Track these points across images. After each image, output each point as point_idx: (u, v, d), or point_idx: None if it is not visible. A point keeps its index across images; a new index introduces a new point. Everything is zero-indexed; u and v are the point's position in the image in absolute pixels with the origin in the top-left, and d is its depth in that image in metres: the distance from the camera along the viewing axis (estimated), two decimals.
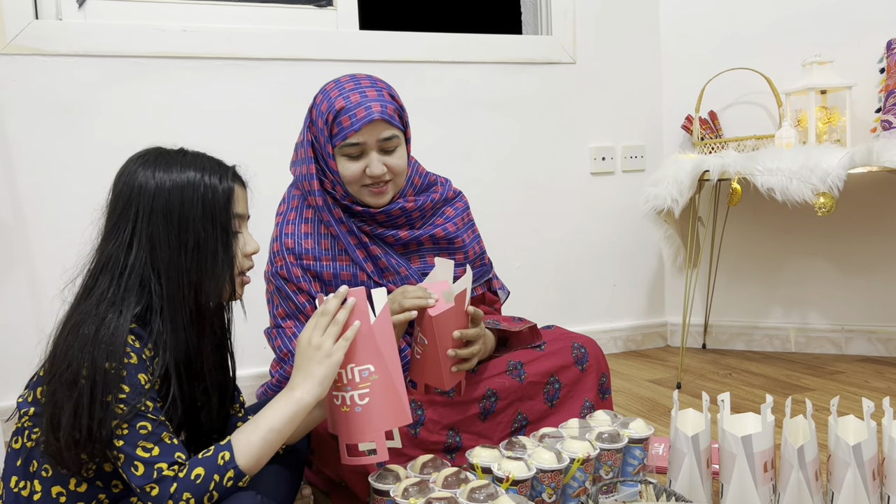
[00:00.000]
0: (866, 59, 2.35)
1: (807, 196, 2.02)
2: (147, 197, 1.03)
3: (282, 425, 1.03)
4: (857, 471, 1.18)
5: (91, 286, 1.03)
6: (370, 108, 1.38)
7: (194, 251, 1.04)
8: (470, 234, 1.61)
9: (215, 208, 1.05)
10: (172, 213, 1.03)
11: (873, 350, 2.48)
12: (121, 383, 0.96)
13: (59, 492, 1.02)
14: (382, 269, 1.49)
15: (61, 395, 0.96)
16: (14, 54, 1.99)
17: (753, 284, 2.66)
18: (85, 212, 2.05)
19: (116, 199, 1.06)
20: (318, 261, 1.46)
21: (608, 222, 2.69)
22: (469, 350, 1.37)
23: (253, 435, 1.02)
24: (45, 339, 1.04)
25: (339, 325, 1.09)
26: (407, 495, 1.14)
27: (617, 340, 2.72)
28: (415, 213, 1.51)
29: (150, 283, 1.02)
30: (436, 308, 1.30)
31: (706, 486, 1.28)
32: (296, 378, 1.07)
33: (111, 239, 1.04)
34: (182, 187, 1.04)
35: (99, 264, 1.04)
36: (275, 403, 1.05)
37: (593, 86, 2.64)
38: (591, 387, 1.58)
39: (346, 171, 1.42)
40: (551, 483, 1.22)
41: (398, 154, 1.44)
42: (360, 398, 1.11)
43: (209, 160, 1.09)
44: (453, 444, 1.42)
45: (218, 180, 1.06)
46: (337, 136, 1.40)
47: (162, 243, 1.03)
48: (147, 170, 1.05)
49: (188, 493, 0.96)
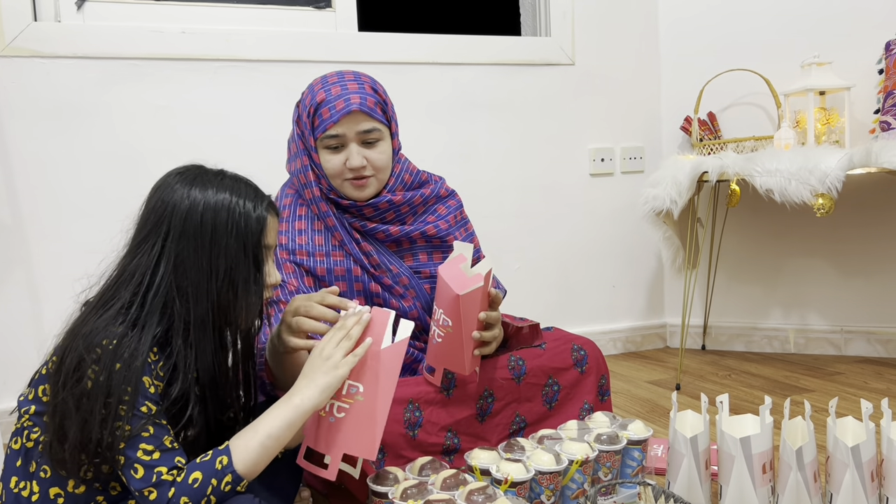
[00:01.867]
0: (865, 60, 2.35)
1: (805, 197, 2.02)
2: (179, 215, 1.03)
3: (280, 431, 1.03)
4: (855, 472, 1.18)
5: (110, 298, 1.02)
6: (349, 99, 1.41)
7: (225, 279, 1.03)
8: (462, 231, 1.61)
9: (248, 236, 1.05)
10: (205, 235, 1.02)
11: (872, 351, 2.48)
12: (127, 386, 0.96)
13: (57, 493, 1.02)
14: (374, 266, 1.49)
15: (70, 406, 0.95)
16: (13, 56, 1.99)
17: (752, 285, 2.66)
18: (85, 213, 2.07)
19: (149, 214, 1.05)
20: (311, 256, 1.47)
21: (607, 223, 2.70)
22: (491, 333, 1.38)
23: (251, 440, 1.02)
24: (47, 339, 1.03)
25: (351, 339, 1.09)
26: (405, 497, 1.14)
27: (616, 342, 2.72)
28: (403, 206, 1.52)
29: (174, 303, 1.02)
30: (463, 286, 1.29)
31: (705, 487, 1.28)
32: (299, 384, 1.07)
33: (138, 252, 1.03)
34: (216, 209, 1.03)
35: (122, 277, 1.03)
36: (274, 409, 1.05)
37: (592, 87, 2.64)
38: (591, 389, 1.58)
39: (328, 164, 1.45)
40: (550, 485, 1.22)
41: (380, 148, 1.45)
42: (337, 410, 1.11)
43: (246, 185, 1.08)
44: (451, 445, 1.42)
45: (252, 207, 1.06)
46: (318, 129, 1.43)
47: (191, 266, 1.02)
48: (184, 187, 1.04)
49: (186, 497, 0.96)
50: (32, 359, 2.07)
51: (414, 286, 1.53)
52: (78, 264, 1.07)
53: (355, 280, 1.49)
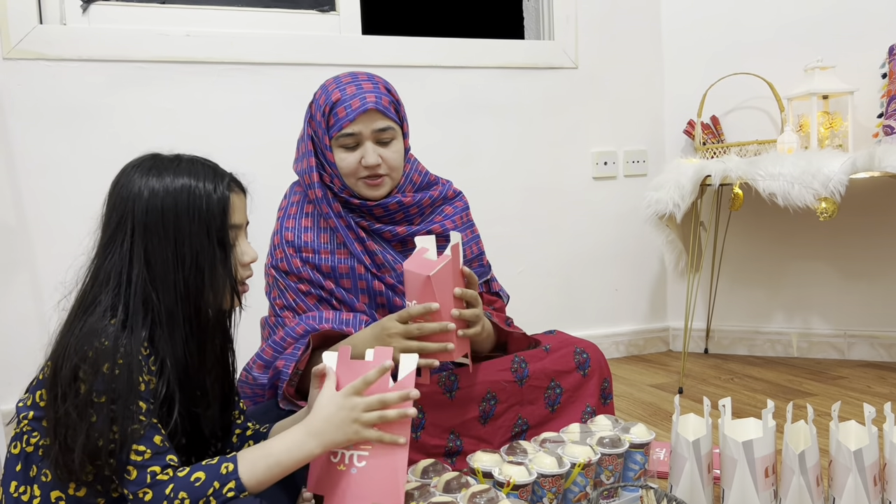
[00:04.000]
0: (868, 64, 2.35)
1: (809, 201, 2.02)
2: (141, 208, 1.00)
3: (289, 463, 1.03)
4: (858, 476, 1.18)
5: (90, 303, 1.00)
6: (365, 98, 1.42)
7: (192, 266, 1.01)
8: (468, 233, 1.62)
9: (210, 219, 1.02)
10: (167, 225, 1.00)
11: (876, 355, 2.48)
12: (125, 390, 0.95)
13: (59, 496, 1.02)
14: (379, 265, 1.50)
15: (74, 417, 0.95)
16: (18, 59, 2.00)
17: (755, 289, 2.66)
18: (88, 216, 2.07)
19: (111, 211, 1.03)
20: (316, 253, 1.48)
21: (610, 227, 2.70)
22: (472, 311, 1.34)
23: (260, 461, 1.01)
24: (52, 340, 1.03)
25: (368, 384, 1.08)
26: (409, 499, 1.14)
27: (619, 345, 2.72)
28: (412, 208, 1.53)
29: (152, 299, 1.01)
30: (430, 267, 1.26)
31: (707, 490, 1.29)
32: (319, 425, 1.06)
33: (108, 253, 1.01)
34: (175, 196, 1.01)
35: (98, 279, 1.01)
36: (288, 440, 1.04)
37: (595, 90, 2.65)
38: (593, 392, 1.58)
39: (343, 163, 1.45)
40: (552, 488, 1.22)
41: (394, 147, 1.46)
42: (357, 460, 1.10)
43: (203, 166, 1.06)
44: (454, 447, 1.42)
45: (213, 188, 1.03)
46: (333, 127, 1.43)
47: (158, 259, 1.00)
48: (142, 178, 1.02)
49: (185, 493, 0.95)
50: (37, 360, 2.07)
51: None
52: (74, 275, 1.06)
53: (359, 278, 1.50)
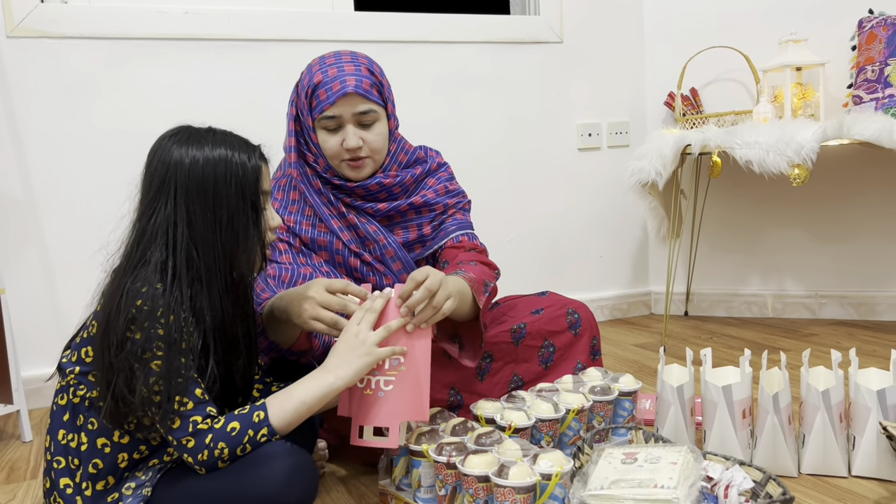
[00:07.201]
0: (839, 37, 2.44)
1: (783, 168, 2.11)
2: (183, 174, 1.09)
3: (312, 402, 1.12)
4: (825, 414, 1.29)
5: (139, 258, 1.08)
6: (345, 81, 1.45)
7: (228, 226, 1.10)
8: (451, 201, 1.65)
9: (246, 185, 1.12)
10: (207, 189, 1.09)
11: (845, 314, 2.60)
12: (178, 339, 1.03)
13: (104, 443, 1.11)
14: (363, 238, 1.55)
15: (125, 368, 1.02)
16: (22, 37, 2.04)
17: (733, 254, 2.76)
18: (92, 189, 2.12)
19: (152, 176, 1.11)
20: (298, 224, 1.54)
21: (595, 196, 2.79)
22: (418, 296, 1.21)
23: (287, 403, 1.10)
24: (62, 310, 1.07)
25: (374, 312, 1.19)
26: (420, 442, 1.23)
27: (603, 309, 2.83)
28: (395, 188, 1.57)
29: (193, 257, 1.09)
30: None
31: (690, 432, 1.40)
32: (332, 362, 1.16)
33: (153, 212, 1.09)
34: (215, 164, 1.10)
35: (145, 237, 1.08)
36: (308, 381, 1.14)
37: (580, 64, 2.72)
38: (583, 349, 1.66)
39: (326, 145, 1.49)
40: (549, 431, 1.32)
41: (376, 129, 1.50)
42: (384, 384, 1.20)
43: (237, 138, 1.15)
44: (455, 402, 1.51)
45: (247, 158, 1.13)
46: (315, 110, 1.47)
47: (199, 220, 1.09)
48: (181, 147, 1.10)
49: (223, 443, 1.04)
50: (48, 330, 2.15)
51: (401, 258, 1.58)
52: (89, 239, 1.11)
53: (336, 253, 1.56)
